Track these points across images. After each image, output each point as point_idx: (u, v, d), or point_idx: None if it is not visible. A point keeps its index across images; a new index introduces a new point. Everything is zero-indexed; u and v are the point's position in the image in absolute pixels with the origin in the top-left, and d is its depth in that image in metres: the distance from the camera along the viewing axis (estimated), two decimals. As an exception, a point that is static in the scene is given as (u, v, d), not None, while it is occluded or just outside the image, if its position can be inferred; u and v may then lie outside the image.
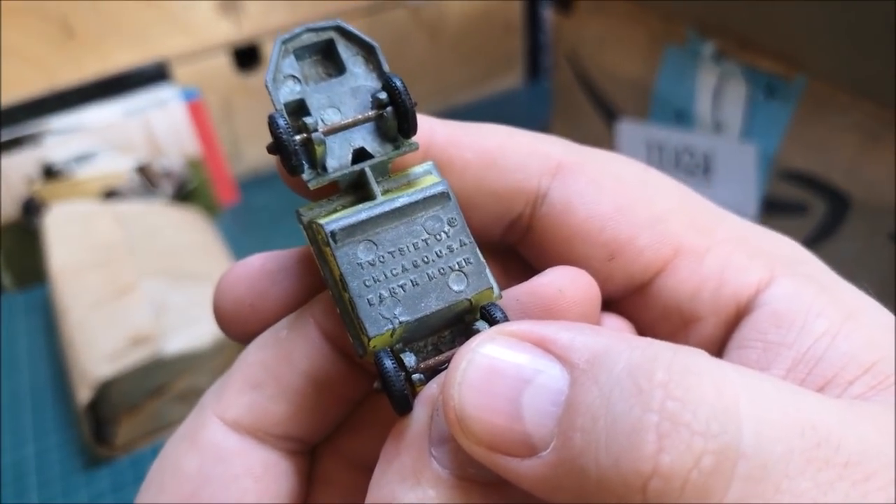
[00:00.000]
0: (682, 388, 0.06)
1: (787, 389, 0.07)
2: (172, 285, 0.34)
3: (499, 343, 0.08)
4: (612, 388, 0.07)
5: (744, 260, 0.09)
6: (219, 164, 0.48)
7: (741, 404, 0.06)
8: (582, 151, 0.10)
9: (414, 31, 0.53)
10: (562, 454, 0.07)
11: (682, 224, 0.09)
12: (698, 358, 0.07)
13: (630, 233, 0.09)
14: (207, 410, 0.10)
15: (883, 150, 0.28)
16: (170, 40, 0.45)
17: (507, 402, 0.07)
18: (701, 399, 0.06)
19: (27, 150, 0.42)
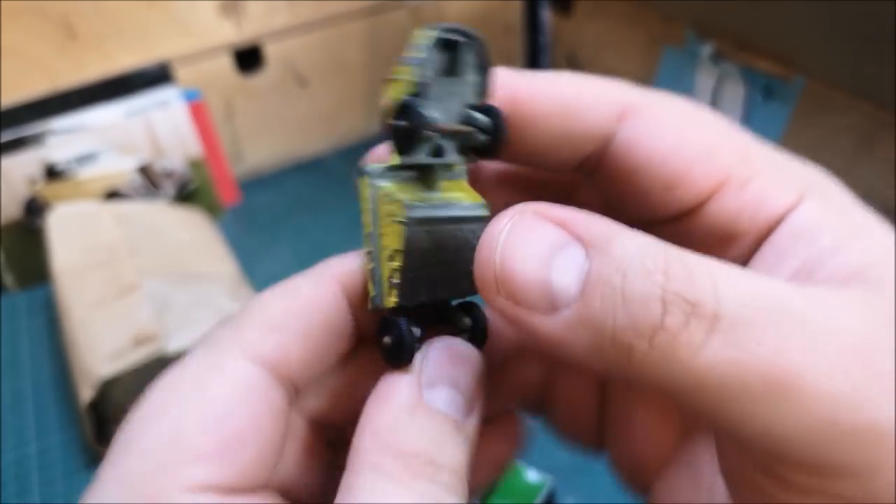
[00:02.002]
0: (678, 268, 0.09)
1: (763, 277, 0.09)
2: (174, 285, 0.34)
3: (536, 215, 0.10)
4: (626, 266, 0.09)
5: (778, 186, 0.11)
6: (220, 165, 0.49)
7: (719, 282, 0.09)
8: (645, 94, 0.12)
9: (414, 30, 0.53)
10: (582, 312, 0.09)
11: (729, 156, 0.11)
12: (687, 251, 0.09)
13: (685, 166, 0.11)
14: (232, 344, 0.11)
15: (880, 149, 0.28)
16: (171, 41, 0.45)
17: (538, 262, 0.09)
18: (691, 278, 0.09)
19: (29, 151, 0.42)
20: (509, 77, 0.12)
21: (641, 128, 0.11)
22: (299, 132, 0.53)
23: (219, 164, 0.48)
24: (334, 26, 0.50)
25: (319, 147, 0.54)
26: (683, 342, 0.08)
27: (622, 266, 0.09)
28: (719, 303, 0.08)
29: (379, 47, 0.52)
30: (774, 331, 0.08)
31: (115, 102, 0.43)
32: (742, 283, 0.09)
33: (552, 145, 0.11)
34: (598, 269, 0.09)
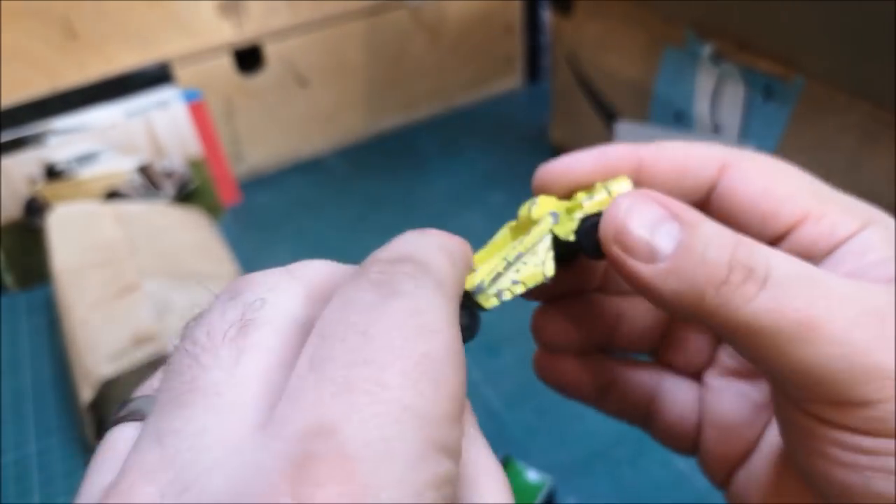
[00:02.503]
0: (744, 246, 0.13)
1: (809, 264, 0.13)
2: (175, 285, 0.34)
3: (651, 197, 0.14)
4: (707, 240, 0.13)
5: (846, 218, 0.14)
6: (220, 165, 0.49)
7: (772, 258, 0.13)
8: (738, 152, 0.15)
9: (414, 32, 0.53)
10: (673, 265, 0.13)
11: (808, 197, 0.14)
12: (750, 239, 0.13)
13: (775, 205, 0.14)
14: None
15: (881, 150, 0.28)
16: (171, 42, 0.45)
17: (648, 227, 0.13)
18: (751, 253, 0.13)
19: (29, 151, 0.42)
20: (632, 149, 0.16)
21: (738, 177, 0.15)
22: (299, 132, 0.53)
23: (219, 164, 0.48)
24: (334, 26, 0.50)
25: (319, 147, 0.54)
26: (740, 294, 0.12)
27: (704, 239, 0.13)
28: (769, 270, 0.12)
29: (379, 48, 0.52)
30: (808, 292, 0.12)
31: (115, 102, 0.43)
32: (789, 262, 0.13)
33: (668, 194, 0.15)
34: (688, 239, 0.13)
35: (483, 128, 0.56)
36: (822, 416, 0.12)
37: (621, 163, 0.16)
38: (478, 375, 0.35)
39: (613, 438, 0.31)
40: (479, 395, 0.34)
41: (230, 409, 0.10)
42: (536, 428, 0.32)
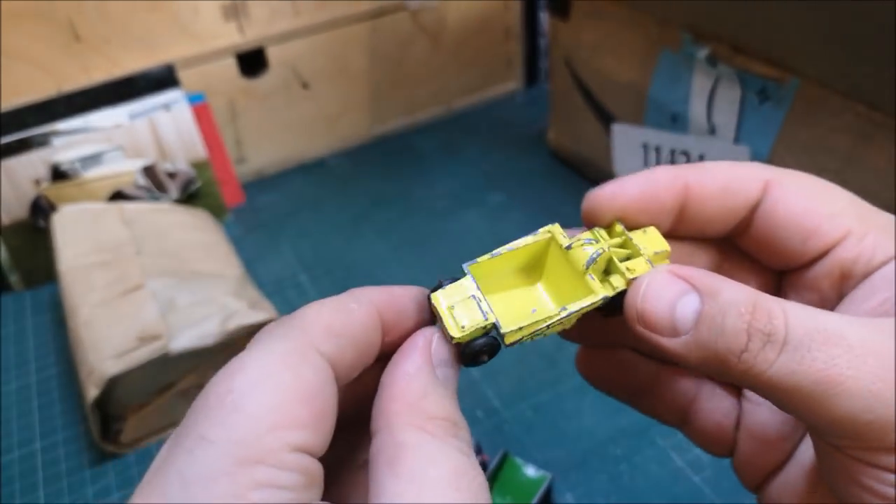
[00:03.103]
0: (761, 311, 0.13)
1: (825, 313, 0.13)
2: (179, 284, 0.34)
3: (668, 273, 0.14)
4: (726, 309, 0.13)
5: (888, 240, 0.14)
6: (224, 166, 0.49)
7: (790, 318, 0.13)
8: (781, 171, 0.16)
9: (415, 36, 0.53)
10: (696, 338, 0.14)
11: (850, 216, 0.15)
12: (768, 297, 0.13)
13: (817, 222, 0.15)
14: (305, 339, 0.13)
15: (874, 150, 0.29)
16: (175, 45, 0.46)
17: (667, 305, 0.14)
18: (769, 317, 0.13)
19: (35, 152, 0.42)
20: (677, 170, 0.16)
21: (782, 195, 0.15)
22: (302, 134, 0.54)
23: (222, 165, 0.49)
24: (336, 30, 0.50)
25: (322, 148, 0.55)
26: (760, 360, 0.13)
27: (723, 309, 0.13)
28: (787, 331, 0.13)
29: (380, 51, 0.53)
30: (827, 350, 0.13)
31: (120, 105, 0.44)
32: (806, 318, 0.13)
33: (717, 216, 0.16)
34: (708, 311, 0.14)
35: (482, 130, 0.56)
36: (855, 456, 0.13)
37: (668, 189, 0.16)
38: (477, 375, 0.35)
39: (610, 435, 0.31)
40: (479, 393, 0.34)
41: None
42: (534, 425, 0.32)
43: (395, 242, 0.45)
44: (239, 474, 0.11)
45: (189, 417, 0.12)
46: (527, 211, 0.47)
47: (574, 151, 0.48)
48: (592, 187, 0.17)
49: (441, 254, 0.44)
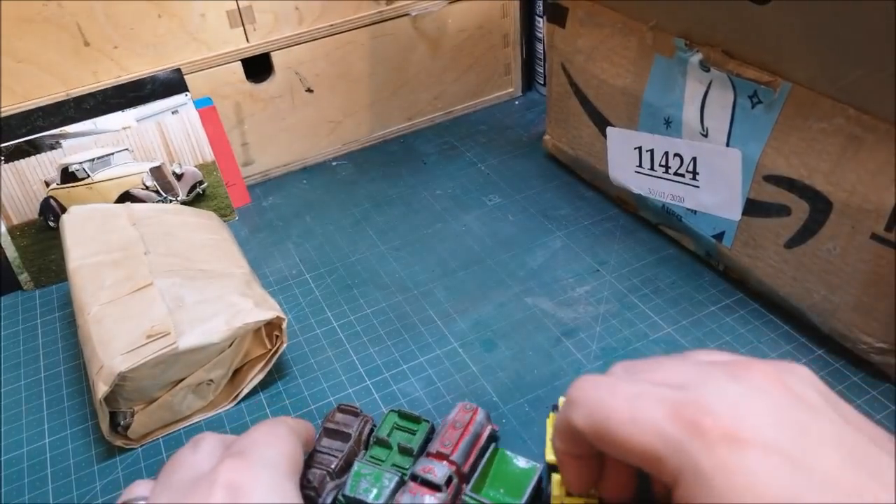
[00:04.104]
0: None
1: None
2: (187, 283, 0.35)
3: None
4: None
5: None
6: (230, 168, 0.50)
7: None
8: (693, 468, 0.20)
9: (416, 42, 0.54)
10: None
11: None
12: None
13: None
14: (284, 468, 0.25)
15: (864, 153, 0.29)
16: (182, 50, 0.46)
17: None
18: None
19: (45, 154, 0.43)
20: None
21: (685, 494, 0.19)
22: (306, 137, 0.54)
23: (229, 167, 0.50)
24: (339, 36, 0.51)
25: (325, 151, 0.56)
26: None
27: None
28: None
29: (382, 57, 0.54)
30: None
31: (129, 108, 0.45)
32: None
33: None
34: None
35: (481, 133, 0.57)
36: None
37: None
38: (476, 369, 0.36)
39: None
40: (478, 388, 0.35)
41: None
42: (531, 419, 0.33)
43: (396, 243, 0.46)
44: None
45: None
46: (524, 212, 0.47)
47: (570, 154, 0.48)
48: (587, 189, 0.19)
49: (441, 254, 0.45)
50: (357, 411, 0.31)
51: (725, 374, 0.21)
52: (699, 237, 0.40)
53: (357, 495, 0.28)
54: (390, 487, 0.28)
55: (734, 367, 0.21)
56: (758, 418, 0.19)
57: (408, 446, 0.29)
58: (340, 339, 0.39)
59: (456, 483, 0.28)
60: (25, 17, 0.41)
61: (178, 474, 0.23)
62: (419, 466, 0.28)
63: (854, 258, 0.31)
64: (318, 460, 0.29)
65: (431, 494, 0.27)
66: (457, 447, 0.28)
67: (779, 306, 0.37)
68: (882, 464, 0.19)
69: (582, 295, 0.40)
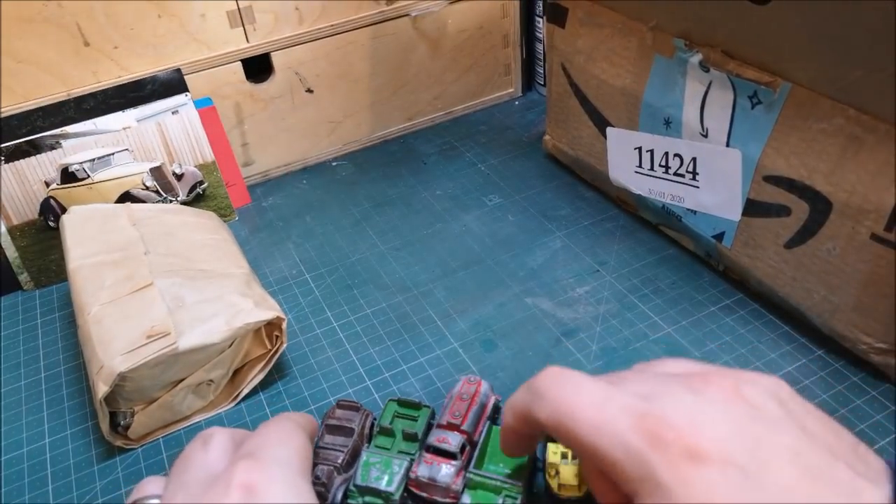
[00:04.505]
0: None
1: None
2: (187, 283, 0.35)
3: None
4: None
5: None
6: (230, 168, 0.50)
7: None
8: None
9: (416, 42, 0.54)
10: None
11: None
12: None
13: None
14: (296, 466, 0.24)
15: (864, 153, 0.29)
16: (183, 50, 0.46)
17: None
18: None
19: (45, 154, 0.43)
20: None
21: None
22: (306, 137, 0.54)
23: (229, 167, 0.50)
24: (340, 36, 0.51)
25: (325, 152, 0.56)
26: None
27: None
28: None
29: (382, 57, 0.54)
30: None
31: (129, 108, 0.45)
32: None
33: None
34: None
35: (481, 133, 0.57)
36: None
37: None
38: (476, 369, 0.36)
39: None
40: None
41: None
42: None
43: (396, 243, 0.46)
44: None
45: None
46: (524, 212, 0.47)
47: (570, 154, 0.49)
48: (588, 189, 0.20)
49: (441, 254, 0.45)
50: (357, 406, 0.31)
51: (683, 387, 0.21)
52: (699, 237, 0.40)
53: (369, 483, 0.28)
54: (400, 473, 0.28)
55: (692, 380, 0.22)
56: (715, 431, 0.20)
57: (412, 432, 0.30)
58: (340, 339, 0.39)
59: (469, 450, 0.29)
60: (25, 17, 0.42)
61: (191, 473, 0.23)
62: (432, 437, 0.29)
63: (854, 258, 0.31)
64: (324, 456, 0.29)
65: (448, 463, 0.28)
66: (466, 417, 0.29)
67: (778, 307, 0.37)
68: (839, 476, 0.19)
69: (582, 295, 0.40)
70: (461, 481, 0.28)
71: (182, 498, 0.22)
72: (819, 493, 0.19)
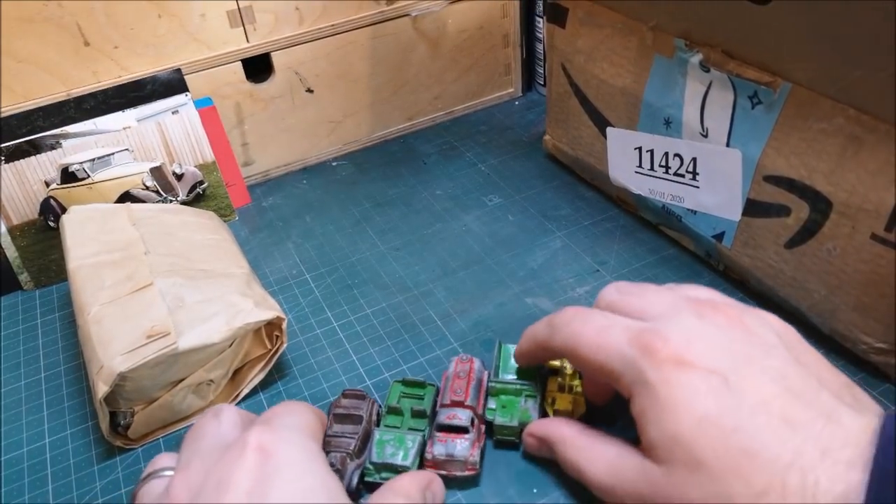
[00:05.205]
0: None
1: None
2: (187, 283, 0.35)
3: (528, 433, 0.30)
4: (569, 441, 0.28)
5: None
6: (230, 168, 0.50)
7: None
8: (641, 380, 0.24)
9: (416, 42, 0.54)
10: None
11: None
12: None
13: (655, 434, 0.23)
14: (308, 432, 0.26)
15: (864, 153, 0.29)
16: (183, 50, 0.47)
17: (535, 446, 0.30)
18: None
19: (45, 154, 0.43)
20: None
21: (643, 406, 0.23)
22: (306, 137, 0.54)
23: (229, 167, 0.50)
24: (340, 36, 0.51)
25: (325, 152, 0.56)
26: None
27: (566, 446, 0.27)
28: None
29: (382, 57, 0.54)
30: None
31: (129, 108, 0.45)
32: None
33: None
34: (558, 450, 0.28)
35: (481, 133, 0.57)
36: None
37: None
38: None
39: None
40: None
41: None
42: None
43: (396, 243, 0.46)
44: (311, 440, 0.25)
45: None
46: (524, 212, 0.47)
47: (570, 154, 0.49)
48: (588, 189, 0.21)
49: (441, 254, 0.45)
50: (363, 394, 0.32)
51: (692, 311, 0.24)
52: (699, 237, 0.40)
53: (385, 460, 0.29)
54: (415, 448, 0.29)
55: (703, 306, 0.24)
56: (706, 347, 0.22)
57: (420, 408, 0.31)
58: (340, 339, 0.39)
59: (477, 423, 0.30)
60: (25, 17, 0.42)
61: (205, 441, 0.23)
62: (441, 416, 0.30)
63: (854, 258, 0.31)
64: (335, 444, 0.30)
65: (461, 437, 0.29)
66: (468, 393, 0.31)
67: (779, 306, 0.37)
68: (821, 399, 0.21)
69: (582, 295, 0.40)
70: (477, 452, 0.29)
71: (198, 464, 0.22)
72: (795, 411, 0.20)
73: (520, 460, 0.30)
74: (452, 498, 0.29)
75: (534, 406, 0.31)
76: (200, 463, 0.22)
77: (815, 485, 0.19)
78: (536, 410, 0.31)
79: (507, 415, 0.31)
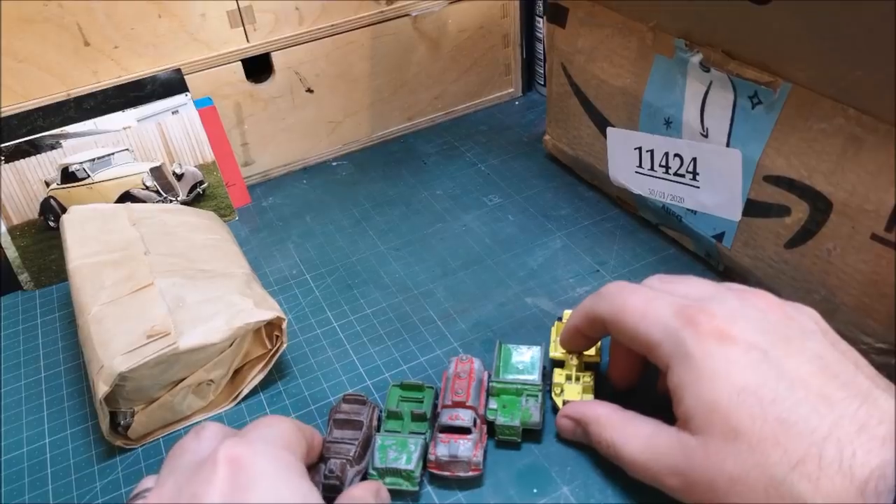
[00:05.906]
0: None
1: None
2: (187, 283, 0.35)
3: (563, 413, 0.31)
4: (604, 425, 0.29)
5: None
6: (230, 168, 0.50)
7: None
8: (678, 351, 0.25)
9: (416, 42, 0.54)
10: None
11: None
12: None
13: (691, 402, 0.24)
14: (289, 449, 0.26)
15: (864, 153, 0.29)
16: (183, 50, 0.47)
17: (569, 431, 0.31)
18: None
19: (45, 154, 0.43)
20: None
21: (679, 378, 0.24)
22: (306, 137, 0.55)
23: (229, 167, 0.50)
24: (340, 36, 0.51)
25: (325, 152, 0.56)
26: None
27: (601, 426, 0.28)
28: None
29: (382, 57, 0.54)
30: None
31: (129, 108, 0.45)
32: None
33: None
34: (593, 430, 0.28)
35: (481, 133, 0.57)
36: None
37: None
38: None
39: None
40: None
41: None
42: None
43: (396, 243, 0.46)
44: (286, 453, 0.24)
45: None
46: (524, 212, 0.47)
47: (570, 154, 0.49)
48: (588, 189, 0.21)
49: (441, 254, 0.45)
50: (363, 399, 0.32)
51: (735, 294, 0.25)
52: (699, 237, 0.40)
53: (388, 465, 0.29)
54: (417, 451, 0.29)
55: (745, 292, 0.25)
56: (747, 325, 0.23)
57: (420, 412, 0.31)
58: (340, 339, 0.39)
59: (479, 424, 0.30)
60: (25, 17, 0.42)
61: (182, 459, 0.23)
62: (444, 417, 0.30)
63: (854, 258, 0.31)
64: (335, 450, 0.29)
65: (464, 438, 0.29)
66: (469, 393, 0.31)
67: (779, 306, 0.37)
68: (857, 381, 0.21)
69: (582, 295, 0.40)
70: (480, 453, 0.29)
71: (172, 482, 0.22)
72: (832, 389, 0.21)
73: (520, 460, 0.30)
74: (453, 498, 0.29)
75: (535, 406, 0.31)
76: (174, 481, 0.22)
77: (853, 457, 0.19)
78: (538, 410, 0.31)
79: (508, 415, 0.31)
